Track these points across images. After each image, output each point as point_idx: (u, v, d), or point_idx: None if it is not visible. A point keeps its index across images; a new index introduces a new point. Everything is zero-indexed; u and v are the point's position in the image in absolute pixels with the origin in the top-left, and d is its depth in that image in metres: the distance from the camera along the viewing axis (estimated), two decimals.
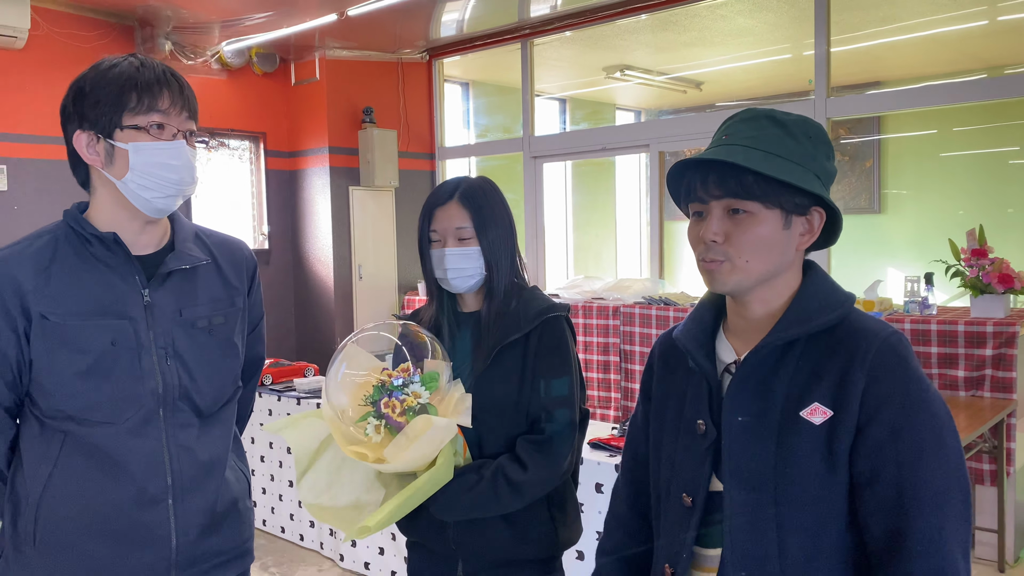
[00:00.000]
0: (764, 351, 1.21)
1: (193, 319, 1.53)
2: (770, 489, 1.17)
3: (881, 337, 1.16)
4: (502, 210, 1.78)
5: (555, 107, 8.02)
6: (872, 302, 4.20)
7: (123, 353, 1.46)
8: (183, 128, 1.47)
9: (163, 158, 1.44)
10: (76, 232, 1.48)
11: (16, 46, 4.91)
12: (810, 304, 1.21)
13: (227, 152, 6.28)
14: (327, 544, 4.04)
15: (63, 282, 1.45)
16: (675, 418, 1.33)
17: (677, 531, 1.29)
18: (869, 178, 7.17)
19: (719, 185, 1.19)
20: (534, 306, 1.73)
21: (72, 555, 1.46)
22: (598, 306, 5.20)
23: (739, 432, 1.21)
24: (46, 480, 1.46)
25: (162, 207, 1.48)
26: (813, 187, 1.18)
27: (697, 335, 1.32)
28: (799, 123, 1.22)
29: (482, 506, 1.61)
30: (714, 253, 1.22)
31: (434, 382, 1.55)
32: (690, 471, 1.28)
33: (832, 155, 1.25)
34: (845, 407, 1.14)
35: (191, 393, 1.51)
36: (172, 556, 1.49)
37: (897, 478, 1.11)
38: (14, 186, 5.01)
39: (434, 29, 6.15)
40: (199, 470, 1.53)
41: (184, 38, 5.64)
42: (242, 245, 1.72)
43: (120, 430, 1.46)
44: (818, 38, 4.86)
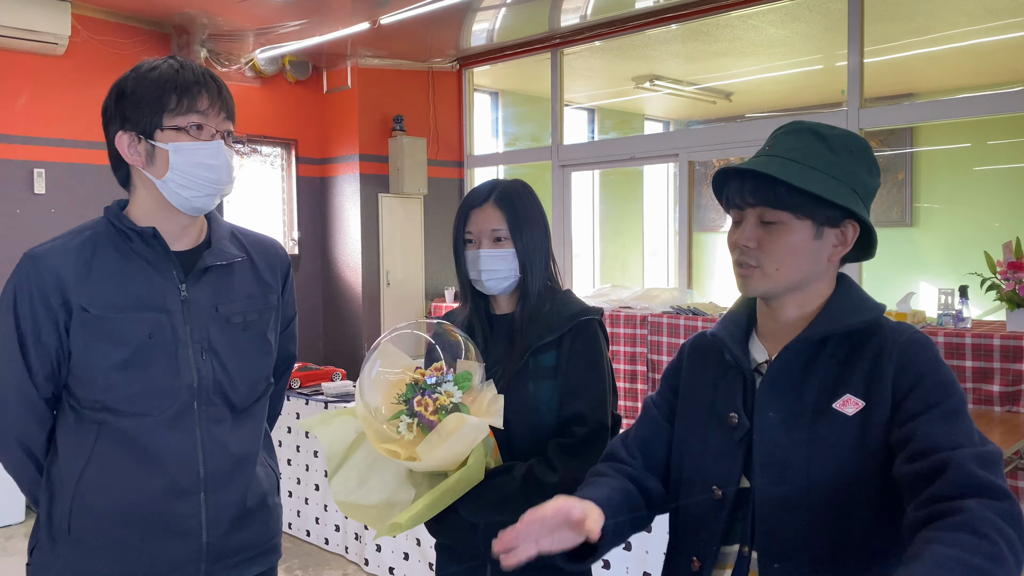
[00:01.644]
0: (798, 347, 1.25)
1: (228, 315, 1.56)
2: (802, 482, 1.20)
3: (908, 334, 1.23)
4: (537, 213, 1.78)
5: (584, 117, 8.03)
6: (904, 314, 4.15)
7: (160, 346, 1.49)
8: (221, 128, 1.50)
9: (202, 158, 1.46)
10: (116, 228, 1.52)
11: (57, 52, 5.01)
12: (844, 306, 1.27)
13: (259, 158, 6.36)
14: (352, 548, 4.05)
15: (103, 276, 1.48)
16: (704, 413, 1.35)
17: (705, 524, 1.30)
18: (901, 191, 7.10)
19: (753, 194, 1.24)
20: (567, 309, 1.73)
21: (105, 545, 1.48)
22: (625, 315, 5.18)
23: (772, 427, 1.24)
24: (81, 470, 1.48)
25: (200, 206, 1.52)
26: (845, 201, 1.22)
27: (733, 332, 1.36)
28: (842, 137, 1.27)
29: (511, 508, 1.59)
30: (747, 258, 1.26)
31: (467, 382, 1.56)
32: (721, 464, 1.30)
33: (875, 170, 1.29)
34: (877, 396, 1.19)
35: (225, 387, 1.54)
36: (203, 548, 1.51)
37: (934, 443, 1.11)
38: (52, 189, 5.10)
39: (465, 38, 6.19)
40: (231, 464, 1.55)
41: (219, 45, 5.72)
42: (276, 244, 1.76)
43: (155, 422, 1.49)
44: (851, 48, 4.82)
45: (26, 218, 4.98)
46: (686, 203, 5.91)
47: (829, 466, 1.19)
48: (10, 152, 4.98)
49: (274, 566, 1.70)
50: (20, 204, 4.99)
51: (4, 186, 4.96)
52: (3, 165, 4.96)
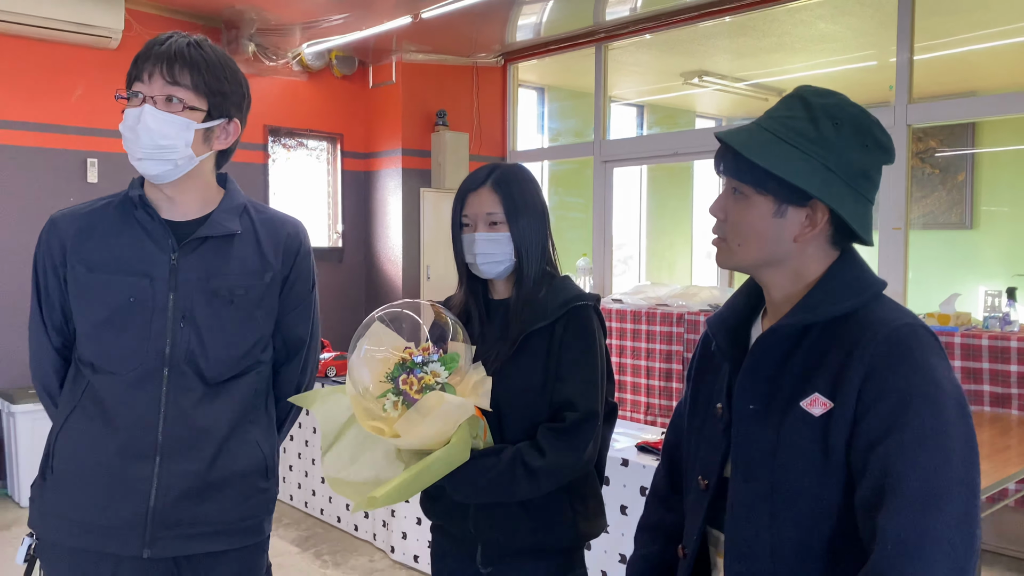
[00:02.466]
0: (775, 336, 1.17)
1: (217, 287, 1.59)
2: (767, 480, 1.13)
3: (891, 327, 1.08)
4: (534, 198, 1.78)
5: (632, 113, 7.97)
6: (948, 316, 4.02)
7: (139, 310, 1.55)
8: (156, 93, 1.52)
9: (127, 123, 1.54)
10: (129, 197, 1.61)
11: (111, 46, 5.18)
12: (827, 290, 1.15)
13: (305, 152, 6.47)
14: (380, 535, 4.10)
15: (102, 239, 1.59)
16: (703, 402, 1.33)
17: (692, 513, 1.29)
18: (961, 192, 6.87)
19: (723, 161, 1.19)
20: (562, 295, 1.72)
21: (70, 494, 1.56)
22: (662, 313, 5.13)
23: (747, 419, 1.18)
24: (65, 418, 1.59)
25: (144, 170, 1.56)
26: (799, 180, 1.12)
27: (727, 318, 1.30)
28: (830, 107, 1.15)
29: (498, 490, 1.60)
30: (719, 229, 1.22)
31: (454, 363, 1.56)
32: (707, 454, 1.27)
33: (873, 144, 1.15)
34: (843, 399, 1.07)
35: (197, 358, 1.57)
36: (148, 513, 1.53)
37: (884, 473, 1.02)
38: (103, 179, 5.27)
39: (510, 33, 6.20)
40: (193, 434, 1.56)
41: (267, 40, 5.84)
42: (290, 224, 1.74)
43: (121, 381, 1.55)
44: (900, 43, 4.69)
45: None
46: None
47: (793, 468, 1.11)
48: (65, 142, 5.17)
49: (246, 548, 1.65)
50: (74, 192, 5.17)
51: (59, 175, 5.15)
52: (58, 155, 5.15)
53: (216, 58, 1.58)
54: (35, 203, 5.04)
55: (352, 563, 3.96)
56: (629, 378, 5.31)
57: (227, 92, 1.59)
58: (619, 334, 5.34)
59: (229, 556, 1.62)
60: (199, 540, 1.57)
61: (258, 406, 1.68)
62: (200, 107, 1.55)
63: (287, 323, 1.72)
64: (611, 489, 2.94)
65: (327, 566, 3.93)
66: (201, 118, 1.56)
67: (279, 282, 1.68)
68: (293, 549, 4.13)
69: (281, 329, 1.72)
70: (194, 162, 1.58)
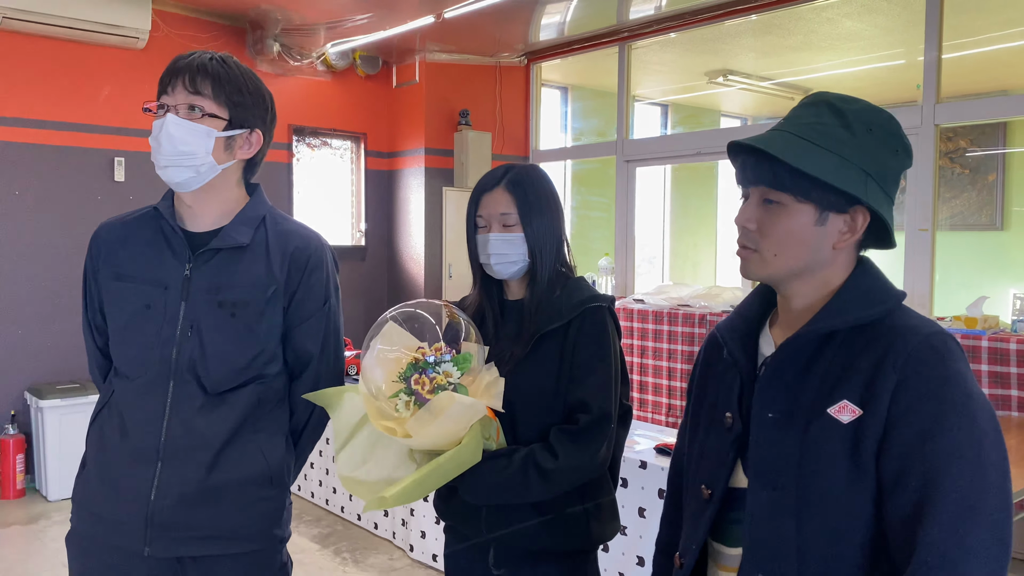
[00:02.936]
0: (798, 343, 1.16)
1: (221, 299, 1.61)
2: (791, 488, 1.11)
3: (922, 335, 1.08)
4: (549, 198, 1.77)
5: (656, 113, 7.92)
6: (975, 319, 3.96)
7: (153, 318, 1.61)
8: (178, 103, 1.58)
9: (153, 134, 1.60)
10: (156, 208, 1.69)
11: (138, 46, 5.24)
12: (851, 297, 1.15)
13: (329, 151, 6.51)
14: (399, 534, 4.11)
15: (131, 248, 1.66)
16: (708, 410, 1.30)
17: (693, 523, 1.26)
18: (992, 193, 6.76)
19: (755, 171, 1.15)
20: (577, 296, 1.71)
21: (92, 488, 1.65)
22: (684, 313, 5.10)
23: (767, 427, 1.16)
24: (95, 417, 1.68)
25: (168, 178, 1.61)
26: (851, 186, 1.11)
27: (738, 326, 1.28)
28: (861, 113, 1.15)
29: (510, 491, 1.60)
30: (747, 240, 1.19)
31: (467, 363, 1.56)
32: (712, 464, 1.25)
33: (901, 149, 1.16)
34: (874, 407, 1.07)
35: (198, 368, 1.60)
36: (146, 516, 1.57)
37: (922, 484, 1.02)
38: (131, 177, 5.34)
39: (533, 32, 6.19)
40: (193, 441, 1.59)
41: (291, 40, 5.88)
42: (303, 238, 1.71)
43: (131, 386, 1.62)
44: (928, 42, 4.62)
45: (106, 204, 5.22)
46: None
47: (821, 476, 1.10)
48: (93, 141, 5.24)
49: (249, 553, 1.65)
50: (101, 191, 5.24)
51: (87, 174, 5.22)
52: (86, 153, 5.23)
53: (238, 72, 1.63)
54: (63, 201, 5.12)
55: (371, 561, 3.98)
56: (651, 379, 5.28)
57: (248, 103, 1.62)
58: (640, 334, 5.31)
59: (235, 558, 1.63)
60: (195, 543, 1.60)
61: (263, 416, 1.66)
62: (221, 115, 1.59)
63: (295, 338, 1.70)
64: (629, 491, 2.92)
65: (346, 563, 3.95)
66: (222, 127, 1.60)
67: (282, 296, 1.65)
68: (313, 546, 4.15)
69: (290, 343, 1.70)
70: (216, 171, 1.61)
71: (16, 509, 4.74)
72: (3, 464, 4.88)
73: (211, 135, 1.58)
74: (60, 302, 4.96)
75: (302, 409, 1.75)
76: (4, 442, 4.86)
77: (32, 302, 4.98)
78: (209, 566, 1.62)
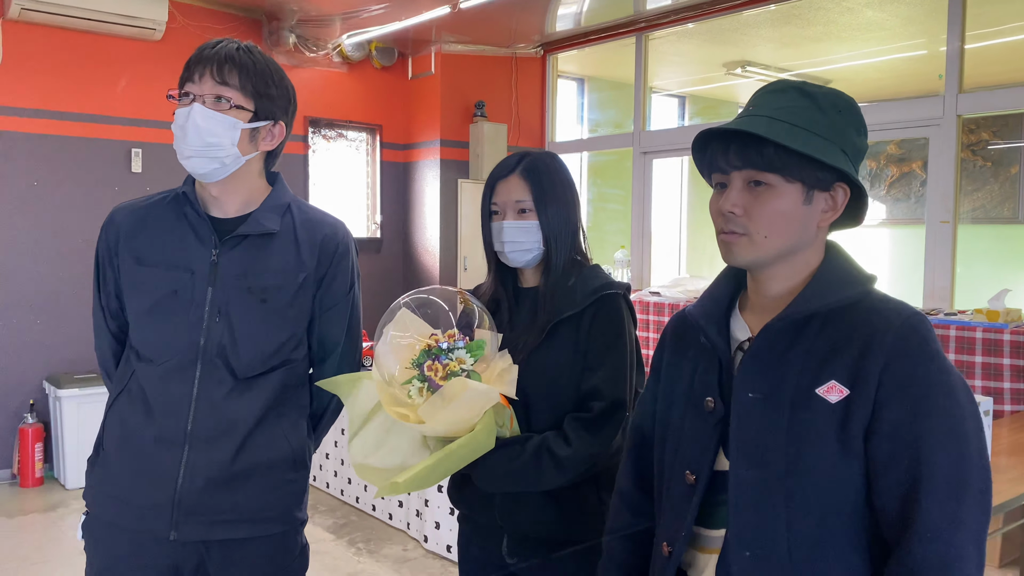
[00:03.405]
0: (780, 325, 1.18)
1: (251, 285, 1.62)
2: (780, 467, 1.13)
3: (903, 316, 1.12)
4: (564, 186, 1.75)
5: (674, 104, 7.87)
6: (997, 312, 3.90)
7: (180, 303, 1.60)
8: (205, 93, 1.56)
9: (177, 123, 1.58)
10: (181, 193, 1.67)
11: (154, 38, 5.26)
12: (830, 279, 1.18)
13: (345, 143, 6.51)
14: (413, 524, 4.11)
15: (153, 232, 1.65)
16: (684, 396, 1.30)
17: (678, 509, 1.26)
18: (1014, 186, 6.67)
19: (740, 156, 1.16)
20: (592, 283, 1.70)
21: (115, 469, 1.63)
22: None
23: (749, 408, 1.18)
24: (114, 400, 1.66)
25: (191, 168, 1.60)
26: (837, 162, 1.14)
27: (711, 311, 1.29)
28: (828, 95, 1.19)
29: (523, 479, 1.59)
30: (733, 225, 1.19)
31: (480, 350, 1.55)
32: (695, 449, 1.25)
33: (864, 131, 1.21)
34: (862, 387, 1.10)
35: (228, 353, 1.60)
36: (174, 498, 1.58)
37: (914, 462, 1.07)
38: (148, 168, 5.36)
39: (550, 23, 6.16)
40: (221, 425, 1.59)
41: (307, 31, 5.88)
42: (330, 225, 1.75)
43: (157, 370, 1.60)
44: (951, 31, 4.55)
45: (124, 195, 5.21)
46: None
47: (809, 455, 1.12)
48: (110, 132, 5.27)
49: (273, 536, 1.67)
50: (119, 182, 5.27)
51: (104, 165, 5.25)
52: (103, 145, 5.25)
53: (264, 63, 1.63)
54: (81, 192, 5.15)
55: (385, 552, 3.98)
56: None
57: (274, 95, 1.63)
58: (656, 327, 5.28)
59: (257, 541, 1.64)
60: (222, 527, 1.61)
61: (288, 400, 1.69)
62: (247, 107, 1.59)
63: (322, 324, 1.73)
64: None
65: (361, 554, 3.96)
66: (248, 118, 1.60)
67: (313, 282, 1.68)
68: (327, 536, 4.16)
69: (316, 329, 1.73)
70: (240, 162, 1.61)
71: (35, 497, 4.78)
72: (22, 453, 4.92)
73: (237, 127, 1.57)
74: (78, 292, 4.98)
75: (324, 393, 1.76)
76: (23, 431, 4.91)
77: (50, 292, 5.02)
78: (234, 549, 1.62)
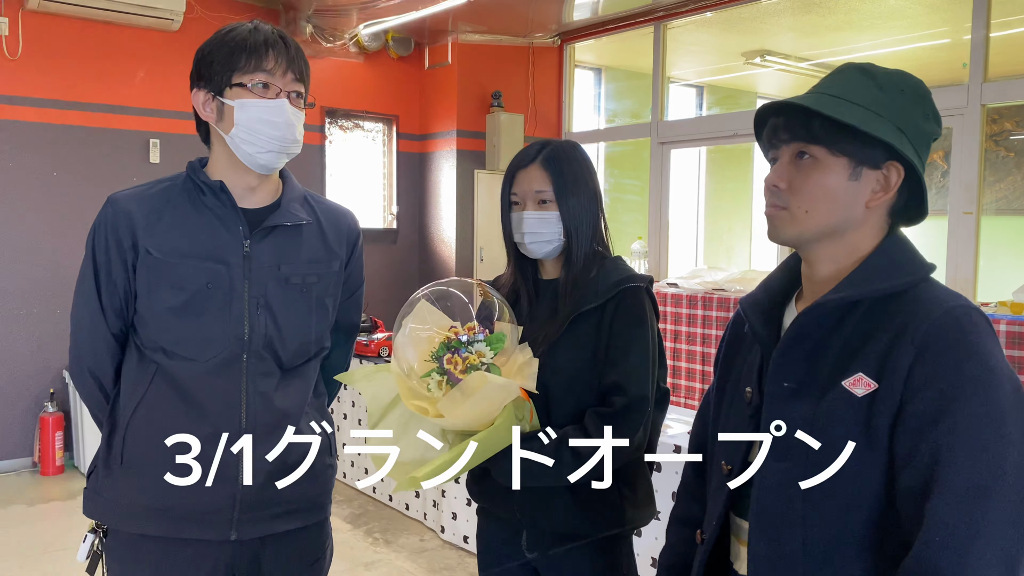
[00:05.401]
0: (819, 311, 1.13)
1: (289, 275, 1.60)
2: (801, 459, 1.10)
3: (944, 308, 1.05)
4: (585, 176, 1.73)
5: (692, 95, 7.80)
6: (1021, 304, 3.84)
7: (216, 296, 1.55)
8: (288, 88, 1.55)
9: (265, 115, 1.52)
10: (193, 181, 1.59)
11: (172, 28, 5.26)
12: (878, 266, 1.12)
13: (362, 134, 6.50)
14: (430, 515, 4.12)
15: (172, 223, 1.57)
16: (732, 387, 1.29)
17: (715, 498, 1.26)
18: None
19: (787, 129, 1.15)
20: (614, 276, 1.68)
21: (150, 479, 1.53)
22: (719, 298, 5.03)
23: (782, 398, 1.15)
24: (136, 406, 1.56)
25: (264, 162, 1.57)
26: (884, 135, 1.09)
27: (761, 301, 1.26)
28: (891, 75, 1.16)
29: (543, 474, 1.57)
30: (776, 199, 1.16)
31: (500, 343, 1.53)
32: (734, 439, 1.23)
33: (933, 116, 1.16)
34: (890, 381, 1.04)
35: (275, 344, 1.58)
36: (238, 496, 1.54)
37: (932, 461, 0.99)
38: (166, 159, 5.37)
39: (567, 12, 6.11)
40: (274, 418, 1.57)
41: (324, 21, 5.86)
42: (348, 214, 1.77)
43: (202, 367, 1.55)
44: (976, 19, 4.47)
45: None
46: None
47: (831, 448, 1.08)
48: (128, 123, 5.28)
49: (317, 524, 1.70)
50: (136, 172, 5.28)
51: (122, 155, 5.27)
52: (121, 135, 5.27)
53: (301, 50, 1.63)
54: (99, 183, 5.16)
55: (402, 542, 3.99)
56: (684, 364, 5.22)
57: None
58: (674, 319, 5.25)
59: (303, 532, 1.66)
60: (281, 519, 1.61)
61: (318, 387, 1.72)
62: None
63: (344, 310, 1.76)
64: (663, 476, 2.88)
65: (377, 544, 3.96)
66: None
67: (343, 271, 1.71)
68: (345, 526, 4.17)
69: (339, 316, 1.75)
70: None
71: (55, 485, 4.82)
72: (43, 441, 4.97)
73: (302, 120, 1.59)
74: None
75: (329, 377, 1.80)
76: (44, 420, 4.95)
77: (69, 282, 5.02)
78: (286, 541, 1.63)
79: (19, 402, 5.05)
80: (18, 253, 4.99)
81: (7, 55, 4.88)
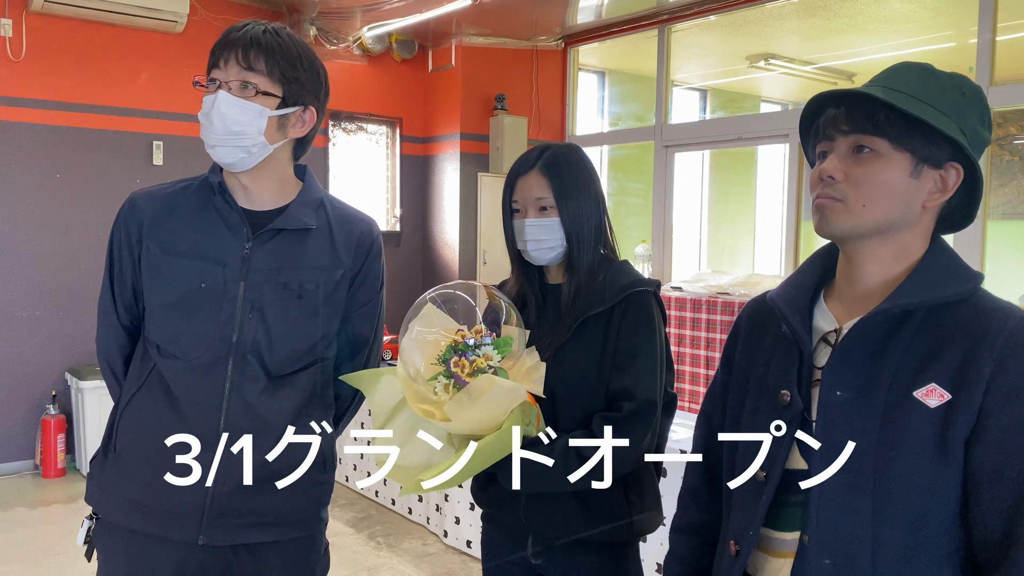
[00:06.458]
0: (876, 319, 1.10)
1: (286, 280, 1.56)
2: (869, 473, 1.06)
3: (1016, 318, 1.04)
4: (586, 180, 1.71)
5: (695, 98, 7.78)
6: None
7: (209, 296, 1.53)
8: (232, 79, 1.50)
9: (203, 111, 1.52)
10: (209, 182, 1.59)
11: (176, 30, 5.26)
12: (935, 272, 1.10)
13: (365, 136, 6.49)
14: (433, 519, 4.10)
15: (179, 221, 1.57)
16: (757, 387, 1.24)
17: (746, 507, 1.20)
18: None
19: (848, 120, 1.11)
20: (621, 280, 1.66)
21: (133, 472, 1.55)
22: (723, 302, 5.01)
23: (838, 407, 1.11)
24: (130, 398, 1.58)
25: (219, 157, 1.54)
26: (953, 132, 1.07)
27: (795, 298, 1.21)
28: (954, 77, 1.13)
29: (550, 479, 1.55)
30: (832, 190, 1.12)
31: (507, 347, 1.51)
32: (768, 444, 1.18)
33: (988, 123, 1.14)
34: (967, 392, 1.02)
35: (262, 350, 1.55)
36: (205, 502, 1.52)
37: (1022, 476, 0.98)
38: (169, 161, 5.36)
39: (571, 15, 6.10)
40: (255, 425, 1.53)
41: (328, 23, 5.86)
42: (365, 223, 1.71)
43: (185, 367, 1.53)
44: (982, 23, 4.46)
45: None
46: (795, 187, 5.64)
47: (902, 461, 1.05)
48: (131, 125, 5.28)
49: (302, 539, 1.64)
50: (140, 174, 5.27)
51: (125, 157, 5.26)
52: (125, 137, 5.26)
53: (293, 45, 1.55)
54: (103, 185, 5.16)
55: (405, 546, 3.97)
56: (688, 368, 5.20)
57: (303, 79, 1.56)
58: (678, 323, 5.23)
59: (285, 544, 1.61)
60: (253, 530, 1.56)
61: (317, 399, 1.65)
62: (275, 93, 1.53)
63: (352, 322, 1.70)
64: (669, 481, 2.86)
65: (380, 548, 3.94)
66: (275, 105, 1.53)
67: (348, 280, 1.65)
68: (347, 530, 4.15)
69: (346, 327, 1.69)
70: (268, 150, 1.55)
71: (57, 488, 4.81)
72: (44, 444, 4.95)
73: (263, 114, 1.51)
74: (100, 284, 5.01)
75: (347, 392, 1.73)
76: (45, 422, 4.94)
77: (72, 285, 5.03)
78: (262, 552, 1.58)
79: (21, 404, 5.03)
80: (20, 255, 4.98)
81: (11, 57, 4.88)
